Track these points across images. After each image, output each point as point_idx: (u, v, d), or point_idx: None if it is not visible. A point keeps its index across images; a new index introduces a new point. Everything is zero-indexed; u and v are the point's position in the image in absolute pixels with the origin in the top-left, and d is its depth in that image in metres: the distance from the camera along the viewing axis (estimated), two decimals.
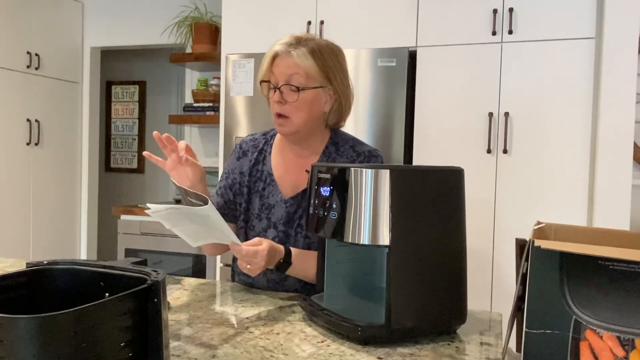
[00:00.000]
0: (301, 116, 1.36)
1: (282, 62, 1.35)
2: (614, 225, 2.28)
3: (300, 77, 1.34)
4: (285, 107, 1.35)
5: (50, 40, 3.76)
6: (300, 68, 1.34)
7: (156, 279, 0.70)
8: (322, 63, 1.36)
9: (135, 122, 5.00)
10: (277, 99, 1.35)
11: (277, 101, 1.35)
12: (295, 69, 1.34)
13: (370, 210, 1.01)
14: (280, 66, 1.35)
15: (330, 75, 1.37)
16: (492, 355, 0.97)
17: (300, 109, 1.36)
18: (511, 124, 2.48)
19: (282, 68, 1.35)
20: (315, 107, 1.38)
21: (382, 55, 2.59)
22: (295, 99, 1.35)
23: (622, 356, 0.73)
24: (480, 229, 2.51)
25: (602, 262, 0.75)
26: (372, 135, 2.61)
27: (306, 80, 1.35)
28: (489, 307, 2.51)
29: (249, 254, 1.20)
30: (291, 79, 1.34)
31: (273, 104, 1.37)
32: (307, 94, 1.35)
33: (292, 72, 1.34)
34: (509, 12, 2.47)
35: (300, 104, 1.35)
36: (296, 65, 1.34)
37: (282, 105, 1.35)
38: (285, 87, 1.35)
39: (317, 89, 1.37)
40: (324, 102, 1.39)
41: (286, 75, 1.34)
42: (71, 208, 4.01)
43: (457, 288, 1.07)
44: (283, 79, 1.35)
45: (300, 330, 1.09)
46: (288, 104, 1.35)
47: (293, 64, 1.34)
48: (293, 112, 1.35)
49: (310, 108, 1.37)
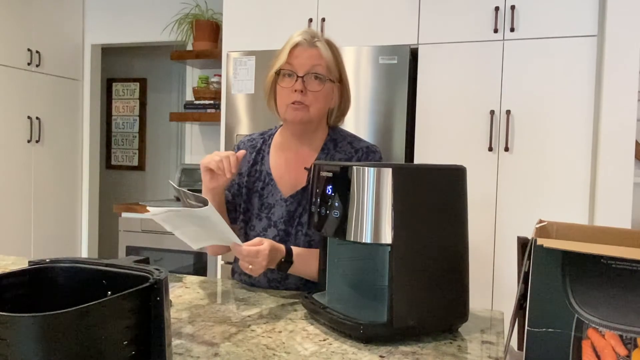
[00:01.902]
0: (319, 107, 1.37)
1: (305, 53, 1.35)
2: (615, 223, 2.28)
3: (322, 69, 1.35)
4: (306, 97, 1.35)
5: (51, 38, 3.75)
6: (323, 60, 1.35)
7: (158, 277, 0.70)
8: (337, 59, 1.39)
9: (136, 119, 5.00)
10: (300, 87, 1.34)
11: (299, 90, 1.34)
12: (318, 60, 1.35)
13: (373, 208, 1.01)
14: (302, 57, 1.35)
15: (342, 72, 1.41)
16: (493, 354, 0.97)
17: (319, 100, 1.37)
18: (513, 121, 2.48)
19: (305, 59, 1.35)
20: (329, 101, 1.40)
21: (384, 52, 2.58)
22: (319, 89, 1.35)
23: (624, 355, 0.73)
24: (481, 227, 2.51)
25: (604, 260, 0.75)
26: (373, 133, 2.60)
27: (327, 72, 1.36)
28: (490, 305, 2.51)
29: (250, 254, 1.20)
30: (315, 69, 1.35)
31: (291, 93, 1.35)
32: (328, 86, 1.37)
33: (315, 63, 1.35)
34: (510, 9, 2.46)
35: (320, 95, 1.36)
36: (320, 57, 1.35)
37: (303, 94, 1.34)
38: (309, 76, 1.35)
39: (332, 84, 1.39)
40: (332, 98, 1.41)
41: (309, 66, 1.35)
42: (72, 205, 4.01)
43: (459, 286, 1.07)
44: (305, 69, 1.35)
45: (302, 328, 1.09)
46: (310, 93, 1.35)
47: (317, 54, 1.35)
48: (313, 102, 1.36)
49: (326, 100, 1.39)
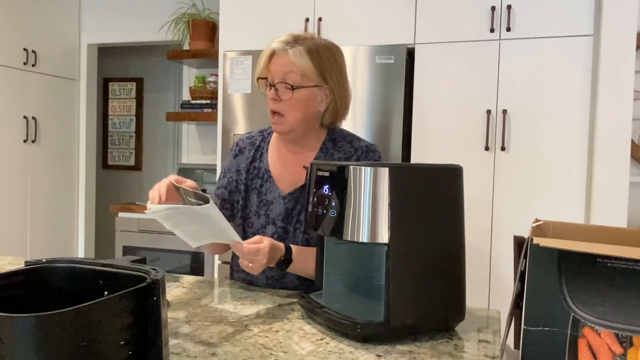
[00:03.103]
0: (295, 114, 1.37)
1: (278, 60, 1.36)
2: (611, 222, 2.28)
3: (295, 76, 1.35)
4: (279, 105, 1.37)
5: (47, 37, 3.74)
6: (296, 67, 1.34)
7: (155, 277, 0.70)
8: (319, 62, 1.36)
9: (132, 119, 4.99)
10: (272, 96, 1.37)
11: (272, 98, 1.37)
12: (290, 67, 1.35)
13: (370, 208, 1.01)
14: (276, 64, 1.36)
15: (326, 75, 1.37)
16: (490, 353, 0.98)
17: (294, 107, 1.36)
18: (509, 121, 2.49)
19: (278, 66, 1.36)
20: (310, 106, 1.39)
21: (380, 52, 2.58)
22: (289, 97, 1.35)
23: (620, 353, 0.73)
24: (478, 227, 2.51)
25: (600, 259, 0.75)
26: (370, 133, 2.61)
27: (301, 79, 1.35)
28: (487, 304, 2.51)
29: (250, 252, 1.20)
30: (286, 77, 1.35)
31: (269, 101, 1.39)
32: (301, 93, 1.36)
33: (287, 70, 1.35)
34: (507, 9, 2.47)
35: (294, 102, 1.36)
36: (292, 64, 1.34)
37: (276, 102, 1.37)
38: (280, 84, 1.36)
39: (312, 88, 1.37)
40: (319, 102, 1.40)
41: (282, 73, 1.35)
42: (68, 205, 4.00)
43: (456, 285, 1.07)
44: (279, 77, 1.36)
45: (299, 328, 1.09)
46: (282, 101, 1.36)
47: (289, 62, 1.35)
48: (287, 110, 1.36)
49: (305, 107, 1.38)
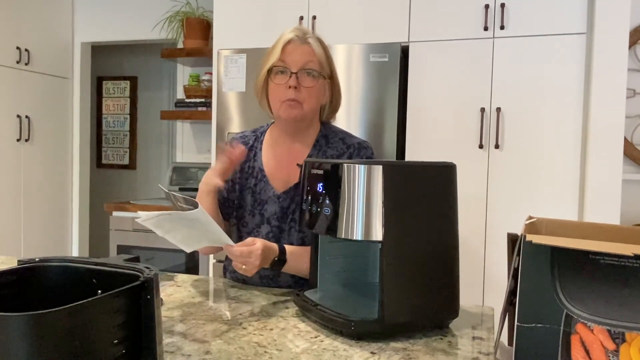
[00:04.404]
0: (312, 103, 1.39)
1: (297, 49, 1.36)
2: (604, 219, 2.29)
3: (315, 65, 1.37)
4: (300, 93, 1.36)
5: (41, 36, 3.72)
6: (315, 56, 1.37)
7: (149, 275, 0.70)
8: (328, 56, 1.41)
9: (126, 117, 4.97)
10: (293, 84, 1.35)
11: (293, 86, 1.35)
12: (311, 57, 1.36)
13: (363, 206, 1.01)
14: (295, 53, 1.36)
15: (332, 68, 1.42)
16: (484, 349, 0.98)
17: (313, 97, 1.38)
18: (503, 119, 2.49)
19: (297, 55, 1.36)
20: (321, 97, 1.42)
21: (375, 50, 2.58)
22: (312, 85, 1.36)
23: (612, 349, 0.74)
24: (472, 224, 2.52)
25: (592, 256, 0.76)
26: (365, 131, 2.61)
27: (319, 68, 1.38)
28: (480, 301, 2.52)
29: (243, 255, 1.20)
30: (307, 65, 1.36)
31: (284, 90, 1.36)
32: (320, 83, 1.39)
33: (308, 59, 1.36)
34: (500, 7, 2.47)
35: (314, 91, 1.37)
36: (312, 53, 1.36)
37: (296, 91, 1.35)
38: (303, 72, 1.36)
39: (324, 80, 1.40)
40: (324, 95, 1.42)
41: (302, 62, 1.36)
42: (62, 204, 3.98)
43: (450, 283, 1.07)
44: (299, 65, 1.36)
45: (293, 325, 1.09)
46: (303, 89, 1.36)
47: (310, 51, 1.36)
48: (306, 99, 1.37)
49: (318, 97, 1.40)
